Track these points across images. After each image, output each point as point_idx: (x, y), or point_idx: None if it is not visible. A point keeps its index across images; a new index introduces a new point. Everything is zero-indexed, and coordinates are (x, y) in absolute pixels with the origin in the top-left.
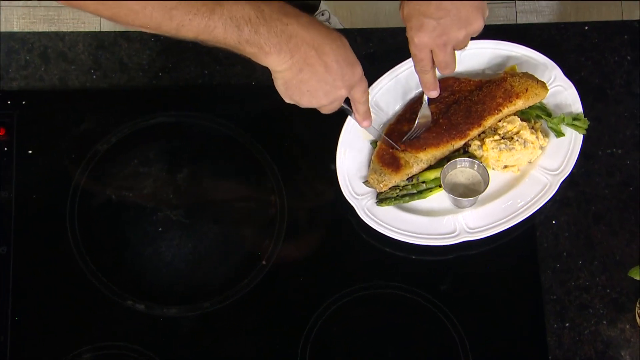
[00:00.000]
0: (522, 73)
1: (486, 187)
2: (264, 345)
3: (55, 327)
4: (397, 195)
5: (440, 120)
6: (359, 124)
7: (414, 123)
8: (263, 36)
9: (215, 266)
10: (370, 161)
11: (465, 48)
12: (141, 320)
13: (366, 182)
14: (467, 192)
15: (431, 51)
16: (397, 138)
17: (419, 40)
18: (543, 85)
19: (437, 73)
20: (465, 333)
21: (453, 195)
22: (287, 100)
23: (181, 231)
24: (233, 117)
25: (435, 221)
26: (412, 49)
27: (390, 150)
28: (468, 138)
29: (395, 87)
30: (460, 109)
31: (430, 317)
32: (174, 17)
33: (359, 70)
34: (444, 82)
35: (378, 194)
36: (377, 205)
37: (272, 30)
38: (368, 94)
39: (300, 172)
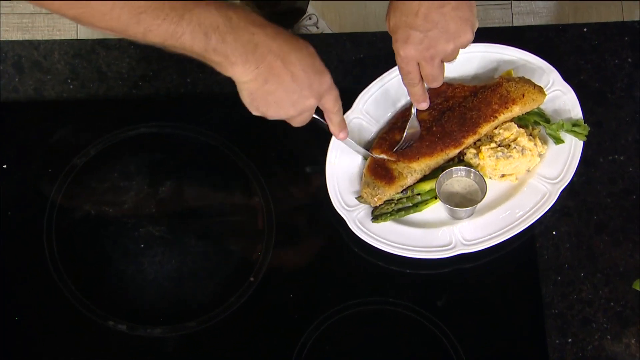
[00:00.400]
0: (519, 78)
1: (484, 196)
2: None
3: (32, 349)
4: (393, 210)
5: (434, 128)
6: (335, 137)
7: (404, 133)
8: (230, 45)
9: (201, 283)
10: (361, 171)
11: (454, 60)
12: (123, 342)
13: (359, 198)
14: (464, 202)
15: (418, 64)
16: (389, 147)
17: (405, 53)
18: (540, 90)
19: (426, 84)
20: (463, 350)
21: (449, 205)
22: (254, 112)
23: (164, 247)
24: (217, 127)
25: (430, 233)
26: (399, 61)
27: (383, 162)
28: (463, 146)
29: (387, 94)
30: (454, 116)
31: (426, 334)
32: (142, 21)
33: (327, 79)
34: (436, 89)
35: (372, 210)
36: (373, 222)
37: (239, 39)
38: (340, 103)
39: (288, 184)
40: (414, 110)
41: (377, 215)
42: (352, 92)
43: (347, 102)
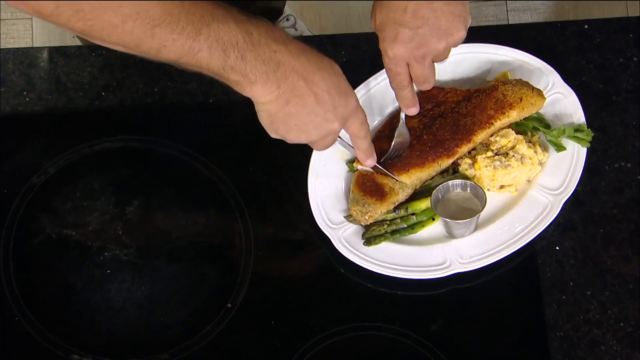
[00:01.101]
0: (516, 80)
1: (484, 206)
2: None
3: None
4: (386, 232)
5: (425, 137)
6: (362, 163)
7: (392, 142)
8: (249, 63)
9: (174, 311)
10: (347, 185)
11: (445, 60)
12: None
13: (348, 217)
14: (462, 217)
15: (407, 64)
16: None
17: (393, 52)
18: (539, 93)
19: (415, 87)
20: None
21: (451, 220)
22: (273, 135)
23: (133, 273)
24: (189, 139)
25: (423, 252)
26: (387, 62)
27: (372, 176)
28: (457, 156)
29: (373, 100)
30: (447, 123)
31: None
32: (156, 35)
33: (353, 101)
34: (427, 93)
35: (364, 232)
36: (365, 245)
37: (259, 56)
38: (367, 127)
39: (267, 201)
40: (402, 117)
41: (370, 237)
42: None
43: None
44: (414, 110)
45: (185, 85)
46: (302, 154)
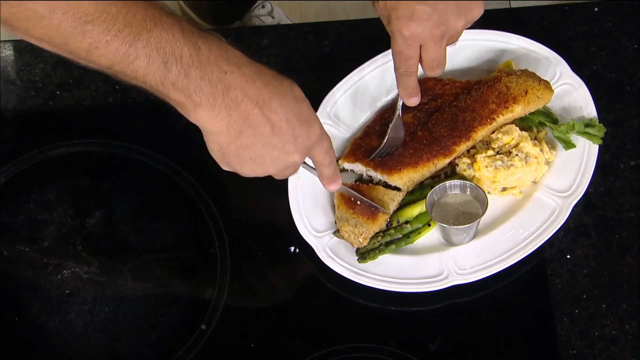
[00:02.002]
0: (520, 71)
1: (485, 210)
2: None
3: None
4: (381, 245)
5: (419, 133)
6: (325, 188)
7: (385, 137)
8: (194, 82)
9: (142, 334)
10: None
11: (456, 43)
12: None
13: (337, 234)
14: (461, 222)
15: (420, 47)
16: (364, 154)
17: (410, 32)
18: (547, 85)
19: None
20: None
21: (448, 226)
22: (225, 168)
23: (95, 292)
24: (156, 143)
25: (417, 262)
26: (400, 44)
27: (358, 188)
28: (454, 155)
29: (361, 94)
30: (444, 119)
31: None
32: (88, 34)
33: (316, 129)
34: (422, 85)
35: (357, 249)
36: (360, 262)
37: (206, 76)
38: (332, 153)
39: (245, 209)
40: (399, 107)
41: (363, 253)
42: (317, 93)
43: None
44: (415, 101)
45: None
46: None
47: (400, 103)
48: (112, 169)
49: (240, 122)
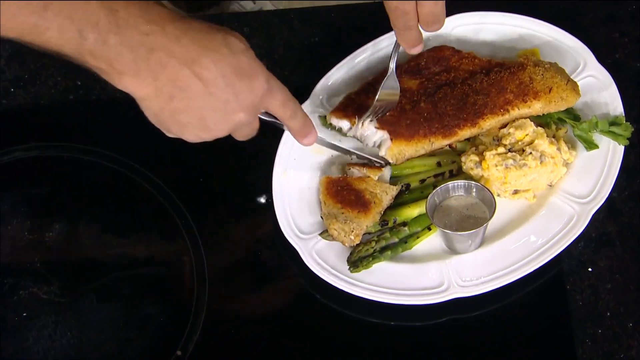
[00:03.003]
0: (549, 64)
1: (493, 214)
2: None
3: None
4: (375, 252)
5: (422, 104)
6: (300, 143)
7: (376, 96)
8: (113, 48)
9: None
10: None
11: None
12: None
13: (325, 234)
14: (466, 227)
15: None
16: (354, 112)
17: None
18: (574, 87)
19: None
20: None
21: (451, 231)
22: (168, 135)
23: (56, 315)
24: (124, 146)
25: (416, 270)
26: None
27: (346, 181)
28: (455, 139)
29: (354, 82)
30: (453, 95)
31: None
32: None
33: (260, 81)
34: (437, 52)
35: (349, 256)
36: (352, 271)
37: (126, 41)
38: (292, 105)
39: (224, 218)
40: (392, 66)
41: (356, 261)
42: (307, 85)
43: (301, 98)
44: (417, 49)
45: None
46: (264, 153)
47: (394, 56)
48: (74, 176)
49: (169, 86)
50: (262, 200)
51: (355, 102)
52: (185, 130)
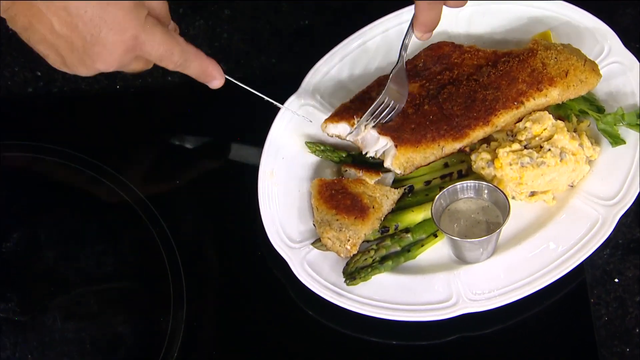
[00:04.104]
0: (562, 45)
1: (507, 219)
2: None
3: None
4: (374, 262)
5: (426, 107)
6: (209, 85)
7: (384, 90)
8: None
9: None
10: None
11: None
12: None
13: (317, 244)
14: (477, 233)
15: None
16: (351, 115)
17: None
18: (593, 67)
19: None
20: None
21: (460, 238)
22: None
23: (15, 335)
24: (90, 146)
25: (420, 283)
26: None
27: (341, 183)
28: (467, 141)
29: (351, 68)
30: (459, 94)
31: None
32: None
33: (123, 37)
34: (437, 50)
35: (345, 267)
36: (348, 284)
37: None
38: (178, 55)
39: (203, 224)
40: (403, 51)
41: (353, 272)
42: (296, 74)
43: (289, 89)
44: (427, 36)
45: None
46: (253, 149)
47: (408, 40)
48: (35, 179)
49: (22, 16)
50: (247, 204)
51: (351, 108)
52: (47, 59)
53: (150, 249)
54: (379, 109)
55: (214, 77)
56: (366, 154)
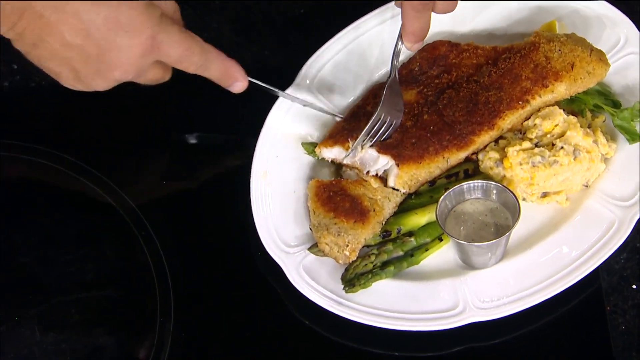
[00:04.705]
0: (565, 36)
1: (517, 221)
2: None
3: None
4: (375, 267)
5: (425, 117)
6: (231, 90)
7: (378, 107)
8: None
9: None
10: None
11: None
12: None
13: (314, 249)
14: (485, 237)
15: None
16: (347, 138)
17: None
18: (600, 56)
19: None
20: None
21: (466, 242)
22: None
23: None
24: (69, 143)
25: (425, 290)
26: None
27: (340, 185)
28: (473, 148)
29: (349, 62)
30: (460, 99)
31: None
32: None
33: (141, 38)
34: (431, 51)
35: (343, 274)
36: (347, 291)
37: None
38: (198, 55)
39: (191, 227)
40: (395, 63)
41: (352, 279)
42: (291, 66)
43: (284, 83)
44: (418, 46)
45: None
46: (246, 145)
47: (395, 58)
48: (10, 179)
49: (30, 31)
50: (239, 207)
51: (346, 128)
52: (59, 78)
53: (135, 254)
54: (376, 126)
55: (236, 79)
56: (367, 173)
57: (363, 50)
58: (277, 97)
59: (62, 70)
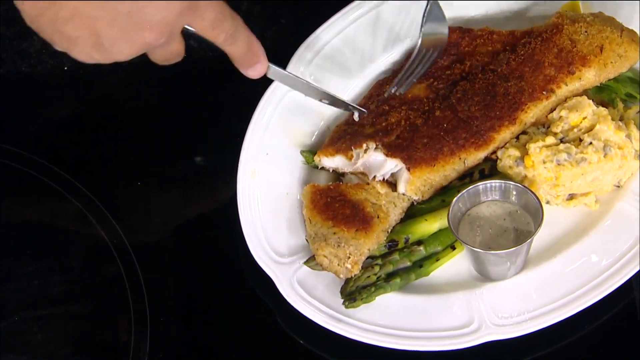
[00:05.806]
0: (592, 15)
1: (539, 226)
2: None
3: None
4: (379, 280)
5: (437, 113)
6: (246, 75)
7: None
8: None
9: None
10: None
11: None
12: None
13: (311, 263)
14: (503, 244)
15: None
16: (350, 145)
17: None
18: (633, 36)
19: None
20: None
21: (482, 250)
22: (56, 47)
23: None
24: (32, 140)
25: (435, 305)
26: None
27: (339, 189)
28: (492, 147)
29: (350, 45)
30: (476, 91)
31: None
32: None
33: None
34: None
35: (343, 287)
36: (347, 306)
37: None
38: (230, 23)
39: (169, 233)
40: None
41: (353, 292)
42: (286, 49)
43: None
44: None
45: (20, 43)
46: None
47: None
48: None
49: None
50: (224, 210)
51: (348, 133)
52: (74, 46)
53: (106, 264)
54: (417, 64)
55: (258, 59)
56: (373, 178)
57: (363, 31)
58: (269, 85)
59: (81, 35)
